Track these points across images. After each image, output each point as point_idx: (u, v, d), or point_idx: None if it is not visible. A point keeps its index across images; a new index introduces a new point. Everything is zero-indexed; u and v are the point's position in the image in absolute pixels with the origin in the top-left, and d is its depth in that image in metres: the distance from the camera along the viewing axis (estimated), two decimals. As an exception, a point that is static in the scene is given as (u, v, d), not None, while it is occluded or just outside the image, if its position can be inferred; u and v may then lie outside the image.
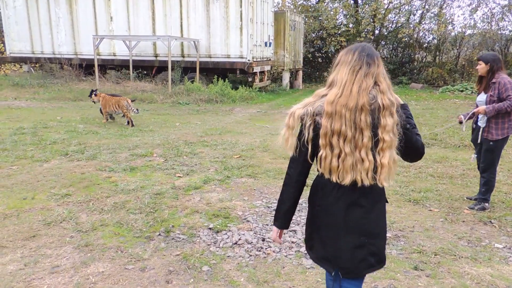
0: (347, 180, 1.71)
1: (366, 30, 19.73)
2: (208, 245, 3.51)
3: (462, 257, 3.34)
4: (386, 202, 1.88)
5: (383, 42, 20.73)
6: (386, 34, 20.35)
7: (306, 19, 19.59)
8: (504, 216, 4.17)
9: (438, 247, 3.48)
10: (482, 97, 4.21)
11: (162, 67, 14.56)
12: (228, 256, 3.33)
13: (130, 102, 8.63)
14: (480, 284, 2.96)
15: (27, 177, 5.15)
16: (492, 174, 4.27)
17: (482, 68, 4.16)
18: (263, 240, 3.60)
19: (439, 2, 19.29)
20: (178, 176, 5.33)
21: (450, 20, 18.91)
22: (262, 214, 4.18)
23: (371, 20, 19.52)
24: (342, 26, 20.14)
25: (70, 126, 8.41)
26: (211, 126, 8.90)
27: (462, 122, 4.38)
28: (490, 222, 4.04)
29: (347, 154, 1.68)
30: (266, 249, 3.45)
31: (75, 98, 12.61)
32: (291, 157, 1.84)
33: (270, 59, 15.65)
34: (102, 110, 9.10)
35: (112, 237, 3.61)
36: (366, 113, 1.65)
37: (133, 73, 14.31)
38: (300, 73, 18.31)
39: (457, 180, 5.33)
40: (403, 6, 19.88)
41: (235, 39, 13.65)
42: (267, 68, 15.39)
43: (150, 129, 8.40)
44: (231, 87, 13.48)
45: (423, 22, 19.53)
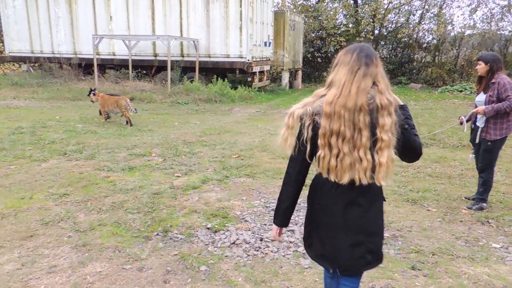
0: (345, 179, 1.72)
1: (365, 30, 19.74)
2: (206, 245, 3.51)
3: (459, 257, 3.34)
4: (384, 200, 1.90)
5: (383, 42, 20.74)
6: (385, 34, 20.35)
7: (306, 19, 19.59)
8: (501, 216, 4.18)
9: (436, 247, 3.49)
10: (481, 97, 4.21)
11: (161, 67, 14.54)
12: (226, 256, 3.33)
13: (129, 101, 8.63)
14: (477, 283, 2.96)
15: (25, 176, 5.15)
16: (490, 174, 4.28)
17: (481, 68, 4.16)
18: (261, 240, 3.60)
19: (439, 2, 19.33)
20: (177, 175, 5.33)
21: (450, 20, 18.93)
22: (260, 214, 4.17)
23: (371, 20, 19.54)
24: (341, 26, 20.15)
25: (69, 125, 8.40)
26: (210, 125, 8.89)
27: (463, 123, 4.38)
28: (488, 222, 4.05)
29: (346, 154, 1.69)
30: (264, 249, 3.45)
31: (74, 97, 12.59)
32: (290, 156, 1.86)
33: (269, 59, 15.64)
34: (100, 110, 9.09)
35: (110, 236, 3.61)
36: (365, 113, 1.66)
37: (132, 72, 14.30)
38: (299, 73, 18.31)
39: (455, 180, 5.34)
40: (403, 6, 19.90)
41: (235, 39, 13.64)
42: (267, 68, 15.38)
43: (149, 128, 8.39)
44: (230, 87, 13.46)
45: (423, 22, 19.55)
